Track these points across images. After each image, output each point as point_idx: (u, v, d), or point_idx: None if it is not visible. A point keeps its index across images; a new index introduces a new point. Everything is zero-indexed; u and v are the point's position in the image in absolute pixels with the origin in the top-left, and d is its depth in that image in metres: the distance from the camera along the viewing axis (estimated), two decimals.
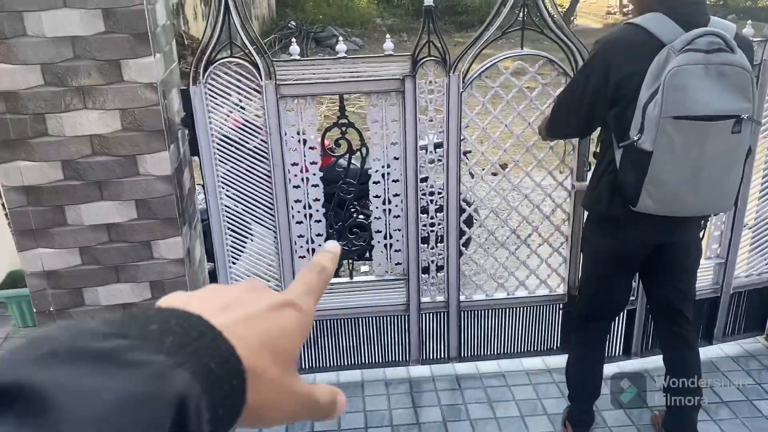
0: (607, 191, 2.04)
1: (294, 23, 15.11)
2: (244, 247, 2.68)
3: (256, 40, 2.36)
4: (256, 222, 2.62)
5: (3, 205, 2.92)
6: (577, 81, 2.06)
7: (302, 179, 2.57)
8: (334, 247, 0.48)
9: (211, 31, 2.31)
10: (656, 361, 2.78)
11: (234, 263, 2.66)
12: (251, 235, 2.67)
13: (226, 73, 2.39)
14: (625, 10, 18.32)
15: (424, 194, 2.63)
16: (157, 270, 2.34)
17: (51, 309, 2.34)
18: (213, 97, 2.41)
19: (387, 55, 2.46)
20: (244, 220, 2.61)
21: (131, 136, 2.17)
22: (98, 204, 2.23)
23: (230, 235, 2.61)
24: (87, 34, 2.05)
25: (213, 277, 2.86)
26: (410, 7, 18.10)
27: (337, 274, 3.64)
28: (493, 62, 2.49)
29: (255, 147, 2.49)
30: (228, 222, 2.59)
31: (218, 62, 2.36)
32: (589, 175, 2.41)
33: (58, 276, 2.31)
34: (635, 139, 1.86)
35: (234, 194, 2.55)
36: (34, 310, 2.39)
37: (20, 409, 0.27)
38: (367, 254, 3.31)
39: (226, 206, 2.56)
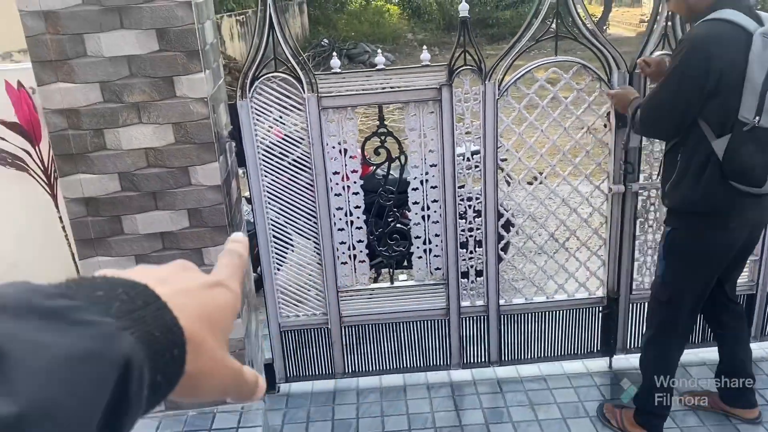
0: (717, 182, 2.08)
1: (327, 41, 15.40)
2: (285, 256, 2.77)
3: (298, 55, 2.46)
4: (297, 232, 2.71)
5: (60, 217, 3.08)
6: (669, 82, 2.08)
7: (343, 187, 2.65)
8: (240, 236, 0.51)
9: (256, 48, 2.42)
10: (695, 353, 2.85)
11: (278, 270, 2.76)
12: (292, 244, 2.76)
13: (270, 88, 2.50)
14: (644, 18, 18.14)
15: (462, 200, 2.70)
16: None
17: None
18: (258, 110, 2.52)
19: (424, 65, 2.54)
20: (286, 230, 2.70)
21: (183, 149, 2.29)
22: (153, 213, 2.35)
23: (274, 244, 2.71)
24: (142, 53, 2.18)
25: (258, 286, 2.96)
26: (441, 22, 18.27)
27: (376, 280, 3.72)
28: (528, 69, 2.55)
29: (297, 157, 2.59)
30: (273, 231, 2.68)
31: (263, 77, 2.47)
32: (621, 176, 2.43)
33: None
34: (756, 122, 1.97)
35: (278, 203, 2.65)
36: None
37: None
38: (405, 262, 3.38)
39: (270, 215, 2.66)
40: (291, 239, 2.74)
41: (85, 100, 2.22)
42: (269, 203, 2.64)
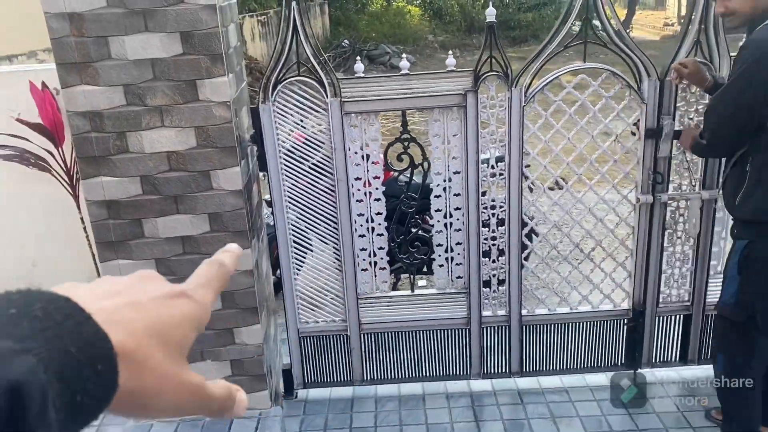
0: None
1: (347, 42, 15.39)
2: (305, 260, 2.75)
3: (322, 58, 2.44)
4: (317, 236, 2.69)
5: (82, 219, 3.08)
6: (732, 87, 2.01)
7: (365, 193, 2.62)
8: (234, 247, 0.49)
9: (279, 52, 2.40)
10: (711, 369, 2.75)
11: (297, 274, 2.73)
12: (311, 249, 2.73)
13: (293, 92, 2.48)
14: (669, 21, 17.90)
15: (485, 208, 2.65)
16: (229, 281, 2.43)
17: None
18: (280, 114, 2.50)
19: (449, 70, 2.50)
20: (306, 234, 2.68)
21: (205, 153, 2.27)
22: (174, 217, 2.34)
23: (294, 248, 2.68)
24: (166, 56, 2.17)
25: (277, 289, 2.94)
26: (462, 24, 18.17)
27: (395, 287, 3.68)
28: (556, 75, 2.49)
29: (318, 162, 2.57)
30: (293, 235, 2.66)
31: (286, 81, 2.45)
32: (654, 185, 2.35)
33: None
34: None
35: (298, 207, 2.62)
36: None
37: None
38: (425, 269, 3.34)
39: (290, 219, 2.64)
40: (311, 243, 2.72)
41: (109, 102, 2.21)
42: (290, 207, 2.62)
